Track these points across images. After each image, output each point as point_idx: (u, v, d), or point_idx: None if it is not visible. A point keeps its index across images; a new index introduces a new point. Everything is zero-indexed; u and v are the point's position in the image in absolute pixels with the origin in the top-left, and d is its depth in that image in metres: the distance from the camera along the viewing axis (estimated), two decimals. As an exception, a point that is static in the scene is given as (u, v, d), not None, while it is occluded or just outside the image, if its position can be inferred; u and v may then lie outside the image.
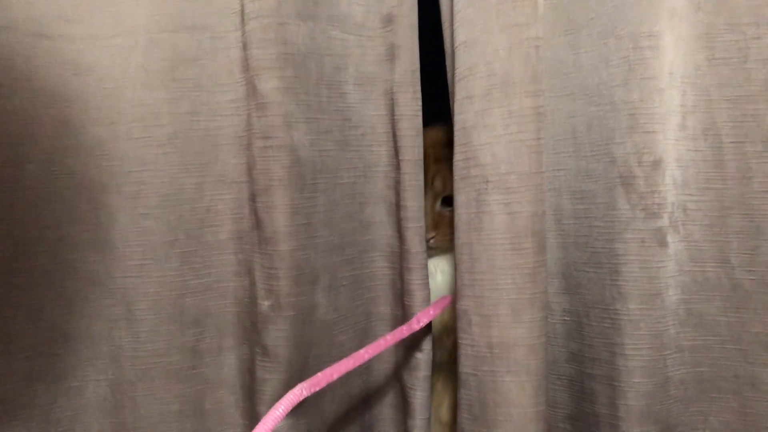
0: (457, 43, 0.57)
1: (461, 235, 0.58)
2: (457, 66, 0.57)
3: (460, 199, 0.58)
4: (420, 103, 0.62)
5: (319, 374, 0.52)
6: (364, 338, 0.66)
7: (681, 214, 0.56)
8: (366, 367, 0.65)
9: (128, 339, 0.62)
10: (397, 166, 0.62)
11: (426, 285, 0.63)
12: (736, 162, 0.55)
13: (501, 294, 0.56)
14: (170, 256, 0.61)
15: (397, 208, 0.63)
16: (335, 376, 0.53)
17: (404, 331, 0.60)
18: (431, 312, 0.63)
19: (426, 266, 0.64)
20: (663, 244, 0.56)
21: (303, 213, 0.58)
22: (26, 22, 0.57)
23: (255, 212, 0.59)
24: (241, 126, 0.60)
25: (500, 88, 0.55)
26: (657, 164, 0.55)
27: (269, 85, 0.57)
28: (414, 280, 0.63)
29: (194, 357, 0.63)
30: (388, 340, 0.58)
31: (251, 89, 0.57)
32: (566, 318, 0.61)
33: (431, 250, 0.70)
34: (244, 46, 0.57)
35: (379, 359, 0.65)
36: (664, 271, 0.56)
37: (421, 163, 0.63)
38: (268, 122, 0.57)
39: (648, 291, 0.56)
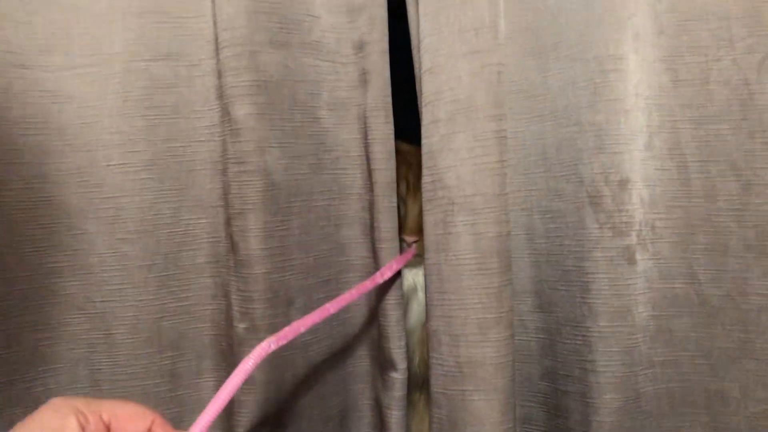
0: (423, 69, 0.60)
1: (430, 255, 0.61)
2: (423, 91, 0.61)
3: (429, 220, 0.61)
4: (392, 126, 0.66)
5: (286, 328, 0.54)
6: (340, 359, 0.67)
7: (649, 232, 0.59)
8: (343, 387, 0.68)
9: (107, 362, 0.64)
10: (370, 188, 0.65)
11: (400, 305, 0.66)
12: (701, 180, 0.58)
13: (468, 313, 0.59)
14: (148, 280, 0.64)
15: (372, 230, 0.65)
16: (302, 329, 0.56)
17: (368, 285, 0.64)
18: (394, 266, 0.66)
19: (401, 287, 0.66)
20: (632, 261, 0.58)
21: (277, 236, 0.61)
22: (4, 54, 0.60)
23: (230, 236, 0.62)
24: (217, 151, 0.63)
25: (464, 113, 0.59)
26: (624, 183, 0.58)
27: (243, 111, 0.60)
28: (390, 299, 0.66)
29: (172, 380, 0.65)
30: (353, 294, 0.62)
31: (226, 115, 0.61)
32: (540, 335, 0.64)
33: (414, 258, 0.73)
34: (219, 74, 0.61)
35: (355, 379, 0.68)
36: (633, 288, 0.59)
37: (394, 185, 0.66)
38: (242, 147, 0.60)
39: (618, 308, 0.59)
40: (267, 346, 0.53)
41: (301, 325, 0.56)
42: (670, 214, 0.59)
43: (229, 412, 0.63)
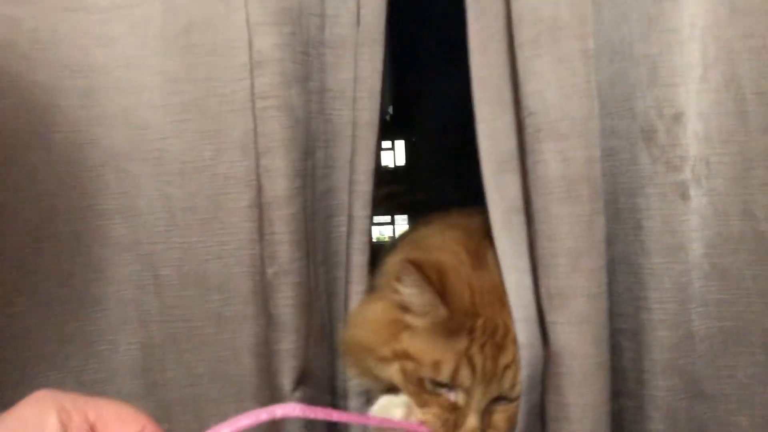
0: None
1: (525, 187, 0.64)
2: (511, 17, 0.62)
3: (523, 150, 0.64)
4: (379, 64, 0.70)
5: (320, 408, 0.58)
6: (333, 303, 0.75)
7: (703, 168, 0.61)
8: None
9: (156, 304, 0.72)
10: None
11: (365, 250, 0.71)
12: (759, 114, 0.62)
13: (558, 244, 0.62)
14: (192, 223, 0.71)
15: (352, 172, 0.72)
16: (334, 418, 0.60)
17: (402, 424, 0.66)
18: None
19: (367, 231, 0.72)
20: (685, 197, 0.61)
21: (301, 176, 0.67)
22: None
23: (258, 177, 0.67)
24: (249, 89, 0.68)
25: (548, 33, 0.61)
26: (678, 117, 0.60)
27: (268, 41, 0.65)
28: (354, 244, 0.72)
29: (218, 323, 0.73)
30: (392, 422, 0.66)
31: (251, 47, 0.66)
32: None
33: None
34: (245, 3, 0.65)
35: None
36: (686, 225, 0.62)
37: (375, 126, 0.70)
38: (266, 81, 0.66)
39: (671, 245, 0.62)
40: (291, 409, 0.56)
41: (335, 415, 0.60)
42: (726, 148, 0.62)
43: (268, 360, 0.69)
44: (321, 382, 0.73)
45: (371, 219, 0.73)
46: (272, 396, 0.70)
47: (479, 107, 0.66)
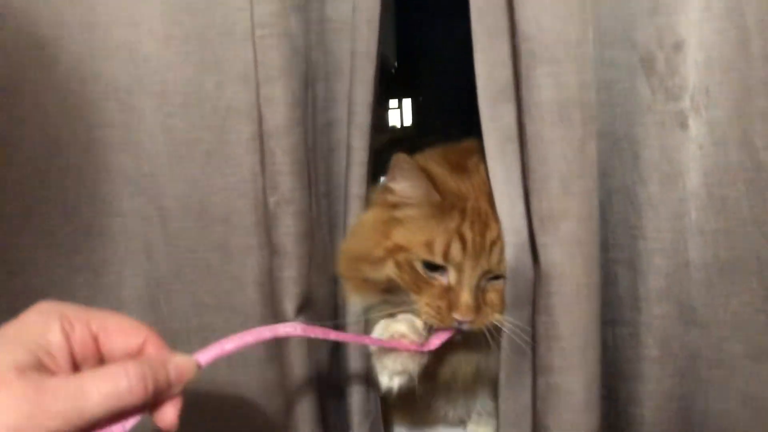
0: None
1: (519, 114, 0.65)
2: None
3: (517, 77, 0.64)
4: None
5: (318, 327, 0.61)
6: (333, 233, 0.78)
7: (703, 97, 0.62)
8: None
9: (161, 236, 0.74)
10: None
11: (363, 181, 0.73)
12: (761, 42, 0.62)
13: (550, 167, 0.62)
14: (195, 155, 0.72)
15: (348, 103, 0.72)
16: (331, 337, 0.63)
17: (405, 345, 0.69)
18: (436, 342, 0.71)
19: (365, 163, 0.73)
20: (684, 126, 0.61)
21: (302, 106, 0.68)
22: None
23: (258, 106, 0.68)
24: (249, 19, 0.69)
25: None
26: (678, 46, 0.61)
27: None
28: (352, 175, 0.73)
29: (223, 254, 0.75)
30: (391, 342, 0.68)
31: None
32: None
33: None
34: None
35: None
36: (684, 154, 0.63)
37: (373, 56, 0.70)
38: (265, 9, 0.66)
39: (668, 174, 0.63)
40: (292, 328, 0.59)
41: (331, 333, 0.63)
42: (726, 77, 0.63)
43: (272, 289, 0.71)
44: (322, 311, 0.75)
45: (369, 152, 0.74)
46: (277, 321, 0.71)
47: (477, 38, 0.67)
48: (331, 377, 0.79)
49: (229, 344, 0.53)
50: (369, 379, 0.79)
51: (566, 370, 0.64)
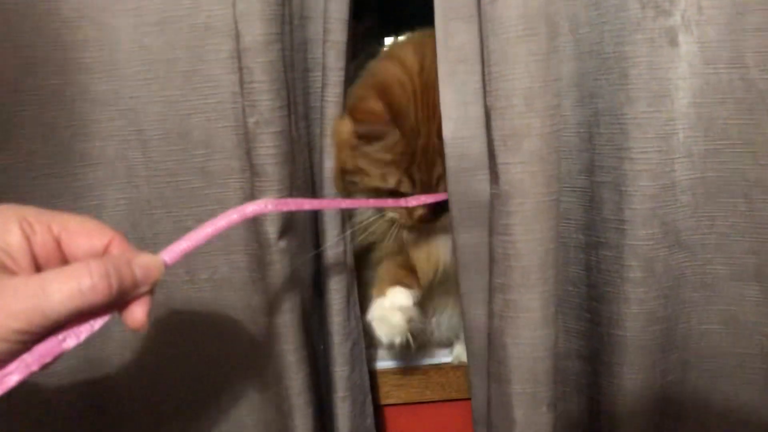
0: None
1: (481, 30, 0.63)
2: None
3: None
4: None
5: (291, 199, 0.59)
6: (312, 155, 0.78)
7: (695, 13, 0.61)
8: None
9: (141, 159, 0.73)
10: None
11: (339, 103, 0.73)
12: None
13: (513, 84, 0.62)
14: (173, 75, 0.71)
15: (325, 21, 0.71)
16: (306, 207, 0.64)
17: (389, 202, 0.74)
18: (422, 199, 0.75)
19: (341, 84, 0.73)
20: (674, 43, 0.60)
21: (279, 22, 0.66)
22: None
23: (235, 22, 0.66)
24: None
25: None
26: None
27: None
28: (328, 96, 0.73)
29: (204, 178, 0.74)
30: (369, 201, 0.72)
31: None
32: (580, 130, 0.69)
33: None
34: None
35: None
36: (673, 72, 0.62)
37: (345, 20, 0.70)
38: None
39: (656, 92, 0.63)
40: (264, 205, 0.58)
41: (306, 203, 0.61)
42: (720, -9, 0.58)
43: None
44: (304, 235, 0.76)
45: (345, 71, 0.72)
46: (260, 246, 0.71)
47: None
48: (315, 298, 0.80)
49: (195, 236, 0.53)
50: (349, 298, 0.80)
51: (525, 288, 0.65)
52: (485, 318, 0.71)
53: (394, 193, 0.78)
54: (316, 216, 0.78)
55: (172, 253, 0.51)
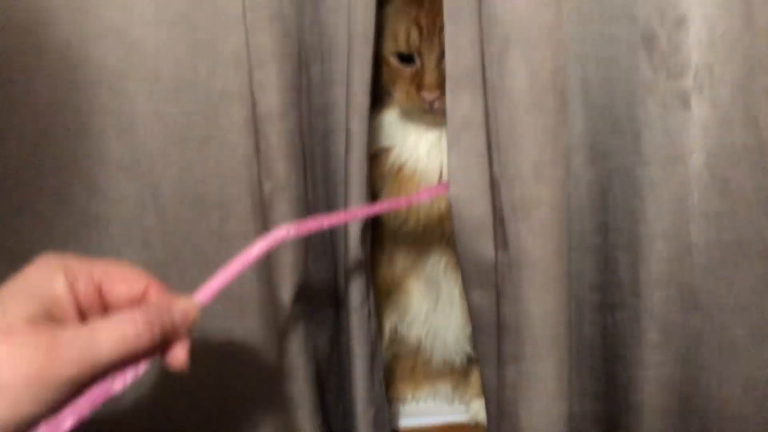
0: None
1: (488, 99, 0.65)
2: None
3: (486, 62, 0.64)
4: None
5: (311, 220, 0.62)
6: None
7: (706, 75, 0.61)
8: None
9: (156, 222, 0.74)
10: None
11: (363, 166, 0.72)
12: (766, 17, 0.58)
13: (523, 155, 0.63)
14: (189, 140, 0.71)
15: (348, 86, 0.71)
16: (325, 225, 0.63)
17: (402, 202, 0.73)
18: (434, 192, 0.75)
19: (365, 147, 0.72)
20: (686, 106, 0.60)
21: (295, 90, 0.68)
22: None
23: (251, 91, 0.67)
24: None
25: None
26: (681, 22, 0.60)
27: None
28: (352, 160, 0.71)
29: (219, 241, 0.74)
30: (383, 206, 0.71)
31: None
32: (592, 189, 0.70)
33: (438, 117, 0.78)
34: None
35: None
36: (687, 135, 0.62)
37: (371, 38, 0.69)
38: None
39: (670, 155, 0.62)
40: (285, 232, 0.59)
41: (325, 221, 0.63)
42: (730, 55, 0.61)
43: (271, 274, 0.70)
44: (322, 297, 0.75)
45: (368, 134, 0.72)
46: (274, 311, 0.72)
47: (446, 22, 0.67)
48: (332, 362, 0.80)
49: (226, 273, 0.55)
50: (374, 364, 0.79)
51: (537, 358, 0.65)
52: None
53: (405, 60, 0.80)
54: (335, 278, 0.78)
55: (205, 293, 0.53)
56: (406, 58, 0.81)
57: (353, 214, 0.69)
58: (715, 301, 0.66)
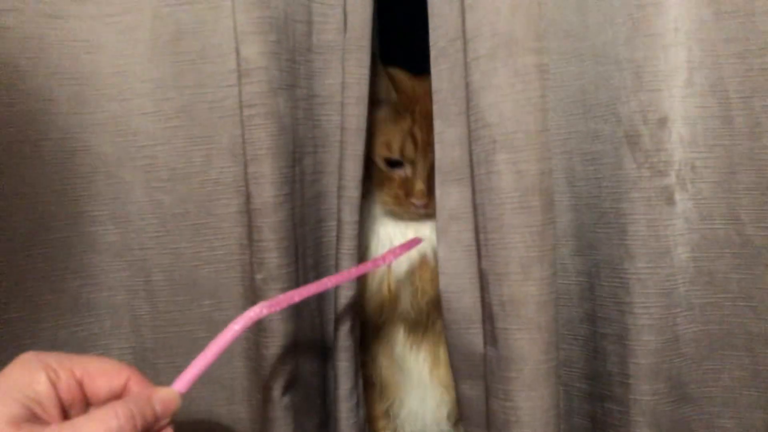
0: (465, 5, 0.65)
1: (476, 196, 0.67)
2: (465, 29, 0.66)
3: (474, 160, 0.67)
4: (366, 71, 0.71)
5: (281, 296, 0.62)
6: (324, 306, 0.78)
7: (689, 172, 0.62)
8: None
9: (147, 308, 0.74)
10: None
11: (354, 255, 0.74)
12: (745, 117, 0.62)
13: (510, 252, 0.64)
14: (183, 228, 0.73)
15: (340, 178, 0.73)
16: (296, 299, 0.63)
17: (369, 266, 0.73)
18: (398, 251, 0.74)
19: (356, 237, 0.74)
20: (670, 202, 0.62)
21: (289, 183, 0.69)
22: (37, 5, 0.68)
23: (246, 184, 0.68)
24: (237, 96, 0.69)
25: (504, 47, 0.63)
26: (663, 122, 0.62)
27: (254, 49, 0.66)
28: (342, 249, 0.73)
29: (209, 327, 0.75)
30: (351, 273, 0.70)
31: (238, 55, 0.67)
32: (580, 279, 0.69)
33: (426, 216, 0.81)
34: (233, 11, 0.66)
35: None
36: (672, 229, 0.63)
37: (362, 132, 0.72)
38: (253, 89, 0.67)
39: (656, 249, 0.63)
40: (259, 310, 0.60)
41: (296, 294, 0.63)
42: (711, 152, 0.63)
43: (258, 363, 0.71)
44: (311, 387, 0.75)
45: (359, 225, 0.74)
46: (263, 399, 0.71)
47: (435, 118, 0.71)
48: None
49: (203, 359, 0.55)
50: None
51: None
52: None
53: (394, 165, 0.82)
54: (324, 367, 0.78)
55: (184, 381, 0.54)
56: (395, 163, 0.84)
57: (323, 284, 0.68)
58: (703, 392, 0.66)
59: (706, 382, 0.66)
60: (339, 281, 0.69)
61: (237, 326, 0.57)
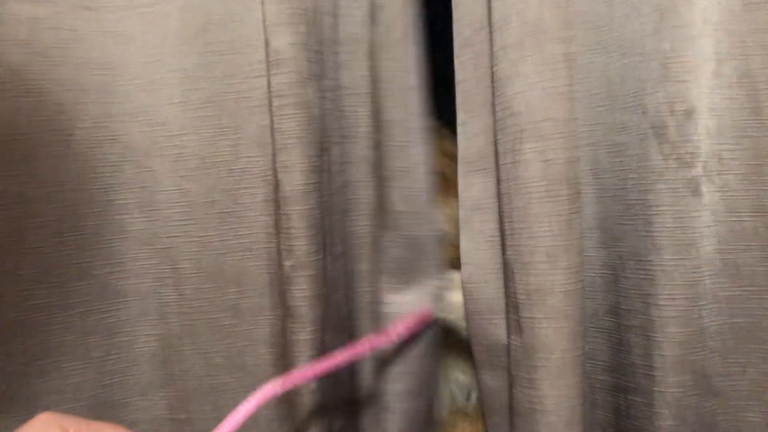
0: None
1: (502, 186, 0.67)
2: (492, 17, 0.66)
3: (500, 150, 0.67)
4: (401, 63, 0.73)
5: (296, 373, 0.64)
6: (350, 300, 0.78)
7: (716, 164, 0.62)
8: None
9: (174, 296, 0.74)
10: (379, 127, 0.73)
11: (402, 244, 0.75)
12: None
13: (537, 242, 0.64)
14: (210, 217, 0.73)
15: (380, 168, 0.74)
16: (310, 374, 0.65)
17: (382, 341, 0.74)
18: (413, 327, 0.75)
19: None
20: (697, 193, 0.61)
21: (317, 172, 0.69)
22: None
23: (275, 172, 0.69)
24: (266, 87, 0.71)
25: (532, 36, 0.63)
26: (689, 113, 0.61)
27: (284, 41, 0.67)
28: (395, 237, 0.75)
29: (235, 315, 0.75)
30: (365, 347, 0.71)
31: (268, 47, 0.68)
32: (605, 271, 0.69)
33: None
34: (262, 3, 0.68)
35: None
36: (698, 221, 0.62)
37: (407, 124, 0.74)
38: (283, 79, 0.67)
39: (681, 241, 0.63)
40: (273, 388, 0.61)
41: (310, 372, 0.65)
42: (739, 144, 0.62)
43: (285, 349, 0.72)
44: (338, 375, 0.76)
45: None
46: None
47: (458, 109, 0.71)
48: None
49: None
50: None
51: None
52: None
53: None
54: None
55: None
56: None
57: (335, 361, 0.69)
58: (728, 386, 0.65)
59: (731, 376, 0.66)
60: (351, 357, 0.70)
61: (254, 401, 0.58)
